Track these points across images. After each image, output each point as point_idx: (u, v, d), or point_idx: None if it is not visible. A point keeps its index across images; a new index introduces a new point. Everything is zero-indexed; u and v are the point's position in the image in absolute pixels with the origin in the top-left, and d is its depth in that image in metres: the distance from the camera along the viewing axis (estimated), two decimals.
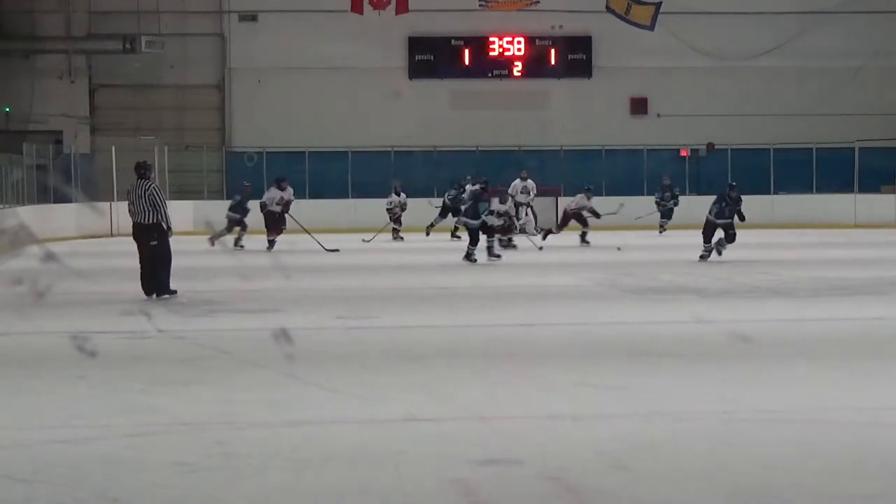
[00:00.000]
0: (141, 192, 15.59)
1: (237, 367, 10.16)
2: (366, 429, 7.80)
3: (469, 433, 7.62)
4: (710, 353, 10.83)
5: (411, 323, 13.31)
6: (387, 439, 7.46)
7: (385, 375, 9.71)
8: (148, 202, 15.54)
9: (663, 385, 9.19)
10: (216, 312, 14.17)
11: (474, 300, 15.68)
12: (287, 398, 8.70)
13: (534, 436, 7.58)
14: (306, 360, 10.19)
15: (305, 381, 9.30)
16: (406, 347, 11.36)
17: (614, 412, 8.24)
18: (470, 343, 11.82)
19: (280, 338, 11.07)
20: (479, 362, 10.43)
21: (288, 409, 8.35)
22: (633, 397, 8.74)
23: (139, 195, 15.60)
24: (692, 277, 17.96)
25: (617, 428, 7.73)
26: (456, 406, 8.48)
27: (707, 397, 8.73)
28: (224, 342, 11.51)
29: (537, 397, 8.83)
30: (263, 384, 9.26)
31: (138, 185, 15.68)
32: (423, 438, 7.46)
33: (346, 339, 12.07)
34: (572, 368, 10.02)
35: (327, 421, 7.99)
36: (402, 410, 8.21)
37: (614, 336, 12.23)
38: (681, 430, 7.65)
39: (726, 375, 9.58)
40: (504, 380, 9.60)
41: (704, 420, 7.97)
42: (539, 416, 8.15)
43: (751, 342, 11.23)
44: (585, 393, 8.93)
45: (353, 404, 8.52)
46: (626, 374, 9.67)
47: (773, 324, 12.99)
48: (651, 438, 7.42)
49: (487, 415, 8.12)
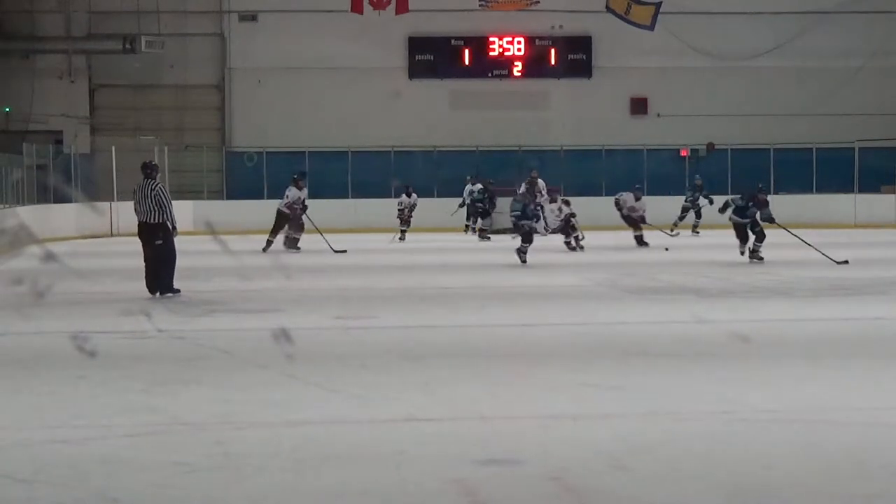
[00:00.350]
0: (147, 192, 15.72)
1: (237, 367, 10.16)
2: (366, 429, 7.80)
3: (469, 433, 7.62)
4: (709, 352, 10.83)
5: (411, 323, 13.30)
6: (387, 439, 7.46)
7: (385, 375, 9.70)
8: (154, 202, 15.66)
9: (663, 385, 9.19)
10: (216, 312, 14.17)
11: (475, 300, 15.68)
12: (287, 398, 8.70)
13: (534, 436, 7.58)
14: (306, 360, 10.19)
15: (305, 381, 9.29)
16: (406, 347, 11.36)
17: (614, 412, 8.24)
18: (470, 343, 11.81)
19: (280, 338, 11.07)
20: (479, 362, 10.43)
21: (288, 409, 8.34)
22: (633, 397, 8.73)
23: (145, 195, 15.72)
24: (692, 277, 17.96)
25: (617, 428, 7.73)
26: (456, 406, 8.48)
27: (707, 397, 8.73)
28: (224, 342, 11.51)
29: (538, 397, 8.83)
30: (263, 384, 9.25)
31: (144, 185, 15.80)
32: (423, 438, 7.46)
33: (346, 339, 12.07)
34: (573, 368, 10.02)
35: (327, 421, 7.98)
36: (403, 410, 8.21)
37: (614, 336, 12.22)
38: (681, 430, 7.65)
39: (726, 375, 9.58)
40: (504, 380, 9.60)
41: (704, 420, 7.97)
42: (539, 415, 8.15)
43: (751, 342, 11.23)
44: (586, 393, 8.92)
45: (353, 404, 8.51)
46: (626, 374, 9.67)
47: (772, 324, 12.98)
48: (651, 438, 7.42)
49: (488, 415, 8.12)
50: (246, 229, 30.96)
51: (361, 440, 7.46)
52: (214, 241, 26.05)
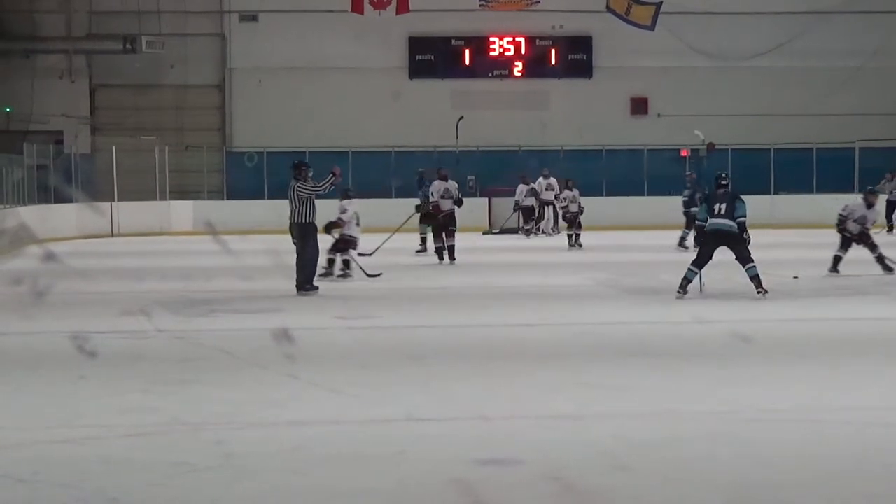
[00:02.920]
0: (291, 191, 16.38)
1: (237, 367, 10.15)
2: (366, 429, 7.79)
3: (469, 433, 7.62)
4: (710, 353, 10.82)
5: (411, 323, 13.30)
6: (387, 439, 7.46)
7: (385, 375, 9.70)
8: (297, 200, 16.28)
9: (663, 385, 9.19)
10: (216, 312, 14.16)
11: (474, 300, 15.67)
12: (287, 398, 8.69)
13: (534, 436, 7.58)
14: (306, 360, 10.18)
15: (305, 381, 9.29)
16: (406, 347, 11.36)
17: (614, 412, 8.24)
18: (470, 343, 11.82)
19: (281, 337, 11.07)
20: (479, 362, 10.43)
21: (288, 409, 8.34)
22: (633, 397, 8.73)
23: (290, 194, 16.38)
24: None
25: (617, 428, 7.72)
26: (456, 406, 8.48)
27: (707, 397, 8.72)
28: (224, 342, 11.50)
29: (538, 397, 8.82)
30: (263, 384, 9.25)
31: (291, 185, 16.45)
32: (423, 438, 7.45)
33: (346, 338, 12.07)
34: (573, 368, 10.02)
35: (327, 421, 7.98)
36: (403, 410, 8.21)
37: (615, 336, 12.22)
38: (681, 431, 7.64)
39: (727, 375, 9.58)
40: (505, 379, 9.59)
41: (705, 420, 7.96)
42: (540, 415, 8.14)
43: (751, 342, 11.23)
44: (586, 392, 8.92)
45: (353, 404, 8.51)
46: (626, 374, 9.67)
47: (773, 324, 12.98)
48: (651, 438, 7.42)
49: (488, 415, 8.12)
50: (246, 229, 31.00)
51: (362, 440, 7.46)
52: (215, 240, 26.07)
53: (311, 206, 16.31)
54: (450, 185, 22.17)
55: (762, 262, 15.43)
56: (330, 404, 8.51)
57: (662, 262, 21.44)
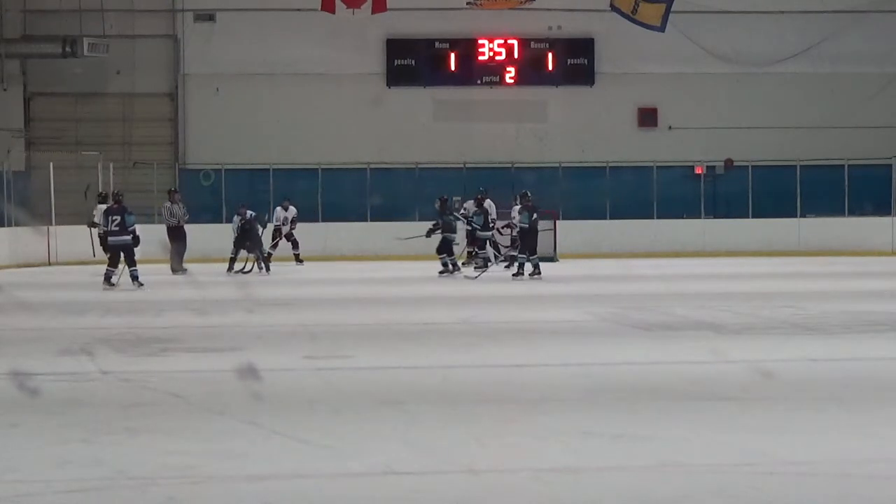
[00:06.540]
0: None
1: (191, 414, 10.15)
2: (337, 483, 7.80)
3: (455, 488, 7.62)
4: (729, 397, 10.84)
5: (389, 363, 13.31)
6: (362, 496, 7.46)
7: (360, 423, 9.70)
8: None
9: (673, 434, 9.20)
10: (167, 351, 14.16)
11: (461, 337, 15.68)
12: (248, 449, 8.69)
13: (529, 491, 7.59)
14: (270, 406, 10.18)
15: (269, 429, 9.29)
16: (383, 391, 11.36)
17: (620, 465, 8.25)
18: (456, 386, 11.82)
19: (245, 374, 11.07)
20: (466, 407, 10.44)
21: (249, 461, 8.34)
22: (642, 448, 8.74)
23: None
24: (709, 311, 17.98)
25: (623, 483, 7.74)
26: (441, 457, 8.48)
27: (726, 448, 8.73)
28: (176, 385, 11.49)
29: (532, 447, 8.84)
30: (221, 433, 9.24)
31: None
32: (403, 494, 7.46)
33: (315, 381, 12.07)
34: (573, 415, 10.03)
35: (294, 475, 7.98)
36: (380, 463, 8.21)
37: (619, 378, 12.23)
38: (696, 486, 7.66)
39: (748, 422, 9.60)
40: (495, 427, 9.60)
41: (723, 474, 7.98)
42: (535, 468, 8.15)
43: (775, 385, 11.25)
44: (587, 443, 8.93)
45: (322, 456, 8.51)
46: (633, 422, 9.68)
47: (799, 364, 13.01)
48: (662, 495, 7.43)
49: (476, 467, 8.12)
50: (203, 256, 31.04)
51: (332, 497, 7.47)
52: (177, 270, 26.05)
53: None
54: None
55: (788, 293, 15.49)
56: (296, 456, 8.51)
57: (673, 293, 21.49)
